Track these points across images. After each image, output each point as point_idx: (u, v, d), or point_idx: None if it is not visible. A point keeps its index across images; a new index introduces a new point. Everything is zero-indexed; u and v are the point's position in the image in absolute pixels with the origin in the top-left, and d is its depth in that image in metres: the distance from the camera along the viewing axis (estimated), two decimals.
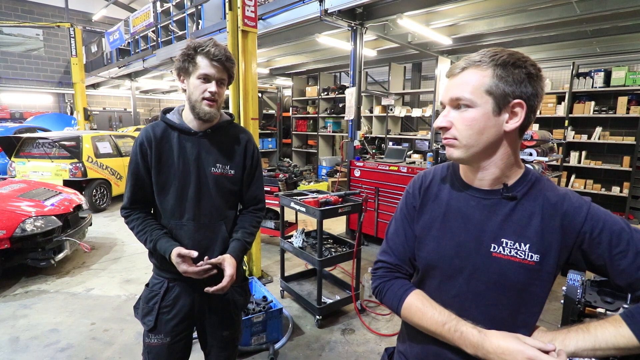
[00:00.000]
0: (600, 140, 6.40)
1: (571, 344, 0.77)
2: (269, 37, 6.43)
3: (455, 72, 0.85)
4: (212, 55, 1.29)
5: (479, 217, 0.88)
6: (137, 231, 1.40)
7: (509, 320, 0.87)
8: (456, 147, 0.86)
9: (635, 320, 0.76)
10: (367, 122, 8.97)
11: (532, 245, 0.83)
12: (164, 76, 11.88)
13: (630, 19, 4.83)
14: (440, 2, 4.48)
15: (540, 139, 3.34)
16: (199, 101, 1.32)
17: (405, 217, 1.00)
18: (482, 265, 0.86)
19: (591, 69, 6.59)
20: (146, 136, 1.38)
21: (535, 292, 0.85)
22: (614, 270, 0.80)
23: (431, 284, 0.95)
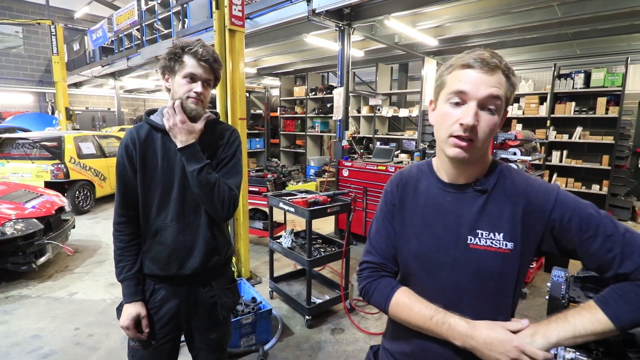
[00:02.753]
0: (580, 140, 6.59)
1: (553, 335, 0.79)
2: (256, 37, 6.40)
3: (491, 65, 0.81)
4: (199, 55, 1.28)
5: (455, 211, 0.91)
6: (116, 256, 1.40)
7: (491, 307, 0.89)
8: (469, 149, 0.83)
9: (609, 306, 0.78)
10: (355, 122, 9.01)
11: (505, 233, 0.85)
12: (149, 75, 11.69)
13: (609, 22, 4.99)
14: (427, 4, 4.53)
15: (524, 139, 3.41)
16: (184, 100, 1.31)
17: (386, 215, 1.01)
18: (462, 257, 0.88)
19: (572, 70, 6.78)
20: (130, 138, 1.36)
21: (512, 278, 0.88)
22: (584, 254, 0.82)
23: (415, 279, 0.96)
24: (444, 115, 0.86)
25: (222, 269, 1.52)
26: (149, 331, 1.37)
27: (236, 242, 3.62)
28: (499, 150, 3.47)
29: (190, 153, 1.31)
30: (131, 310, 1.34)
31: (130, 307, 1.34)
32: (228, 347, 1.66)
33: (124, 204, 1.39)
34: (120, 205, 1.39)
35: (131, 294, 1.36)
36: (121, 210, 1.39)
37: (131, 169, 1.36)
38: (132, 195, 1.38)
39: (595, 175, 6.61)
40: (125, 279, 1.36)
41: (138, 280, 1.38)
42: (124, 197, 1.38)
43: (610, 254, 0.79)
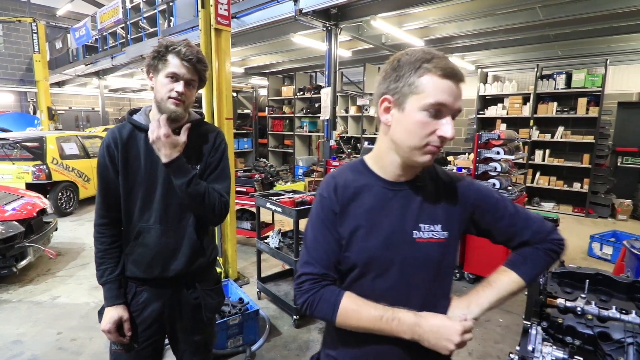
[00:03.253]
0: (562, 139, 6.75)
1: (485, 302, 0.92)
2: (243, 36, 6.37)
3: (463, 78, 0.84)
4: (182, 54, 1.25)
5: (399, 208, 0.93)
6: (97, 258, 1.37)
7: (435, 293, 0.95)
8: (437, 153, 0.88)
9: (517, 267, 0.95)
10: (343, 122, 9.05)
11: (442, 224, 0.93)
12: (134, 74, 11.51)
13: (589, 24, 5.12)
14: (412, 5, 4.59)
15: (507, 138, 3.48)
16: (165, 100, 1.27)
17: (324, 222, 0.94)
18: (410, 252, 0.92)
19: (554, 71, 6.95)
20: (112, 138, 1.33)
21: (449, 264, 0.97)
22: (496, 230, 0.98)
23: (364, 281, 0.94)
24: (421, 124, 0.84)
25: (207, 270, 1.49)
26: (131, 334, 1.35)
27: (223, 243, 3.59)
28: (483, 149, 3.53)
29: (176, 167, 1.28)
30: (113, 314, 1.31)
31: (111, 310, 1.32)
32: (215, 348, 1.64)
33: (105, 205, 1.36)
34: (102, 207, 1.36)
35: (113, 297, 1.33)
36: (102, 211, 1.36)
37: (113, 169, 1.33)
38: (114, 196, 1.35)
39: (577, 174, 6.78)
40: (107, 281, 1.34)
41: (120, 283, 1.36)
42: (105, 198, 1.35)
43: (514, 228, 0.96)
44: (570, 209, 6.81)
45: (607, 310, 1.14)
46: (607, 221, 6.34)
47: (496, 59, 7.75)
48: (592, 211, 6.58)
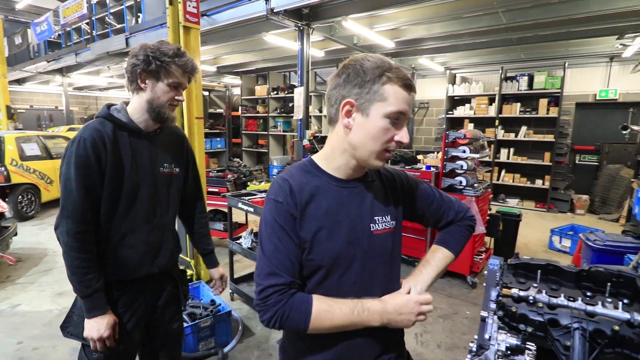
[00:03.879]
0: (525, 138, 7.09)
1: (427, 279, 1.03)
2: (214, 34, 6.27)
3: (415, 91, 0.91)
4: (187, 68, 1.35)
5: (354, 204, 0.97)
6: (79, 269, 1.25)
7: (390, 279, 1.04)
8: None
9: (448, 244, 1.11)
10: (317, 121, 9.09)
11: (391, 215, 1.03)
12: (101, 72, 11.06)
13: (548, 28, 5.40)
14: (382, 7, 4.67)
15: (472, 137, 3.62)
16: (165, 106, 1.35)
17: (283, 228, 0.90)
18: (369, 244, 0.97)
19: (517, 73, 7.28)
20: (98, 136, 1.27)
21: (398, 250, 1.08)
22: (428, 214, 1.13)
23: (330, 281, 0.94)
24: (384, 130, 0.87)
25: (176, 260, 1.61)
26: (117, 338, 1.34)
27: None
28: (450, 148, 3.65)
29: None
30: (109, 320, 1.29)
31: (107, 317, 1.28)
32: (186, 351, 1.68)
33: (88, 210, 1.26)
34: (84, 212, 1.25)
35: (104, 304, 1.29)
36: (85, 216, 1.25)
37: (98, 169, 1.26)
38: (95, 198, 1.28)
39: (539, 171, 7.13)
40: (95, 290, 1.27)
41: (104, 290, 1.31)
42: (87, 203, 1.25)
43: (440, 210, 1.13)
44: (533, 205, 7.16)
45: (556, 298, 1.22)
46: (566, 215, 6.71)
47: (464, 61, 8.03)
48: (553, 206, 6.95)
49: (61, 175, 1.27)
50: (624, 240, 3.50)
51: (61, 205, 1.26)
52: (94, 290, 1.27)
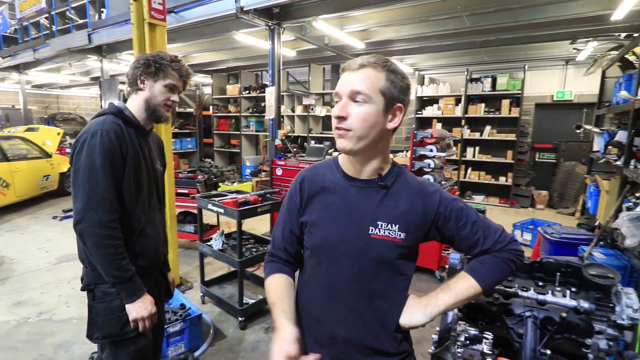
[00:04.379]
0: (489, 137, 7.41)
1: (442, 305, 0.98)
2: (183, 32, 6.12)
3: (354, 67, 0.93)
4: (182, 72, 1.48)
5: (358, 204, 1.00)
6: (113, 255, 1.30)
7: (383, 292, 1.00)
8: (349, 138, 0.93)
9: (476, 273, 1.00)
10: (290, 121, 9.07)
11: (400, 225, 0.97)
12: (62, 69, 10.50)
13: (509, 32, 5.66)
14: (352, 8, 4.73)
15: (439, 137, 3.75)
16: (161, 106, 1.46)
17: (287, 211, 1.10)
18: (364, 246, 0.98)
19: (481, 75, 7.58)
20: (119, 129, 1.37)
21: (403, 266, 1.01)
22: (459, 238, 1.01)
23: (320, 267, 1.04)
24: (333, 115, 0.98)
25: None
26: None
27: None
28: (418, 147, 3.76)
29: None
30: (150, 297, 1.39)
31: (147, 295, 1.39)
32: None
33: (115, 199, 1.33)
34: (113, 201, 1.32)
35: (141, 285, 1.38)
36: (113, 205, 1.32)
37: (122, 160, 1.36)
38: (118, 189, 1.36)
39: (502, 169, 7.47)
40: (133, 274, 1.35)
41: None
42: (114, 192, 1.33)
43: (476, 236, 1.00)
44: (497, 201, 7.50)
45: (510, 289, 1.30)
46: (527, 210, 7.07)
47: (431, 63, 8.27)
48: (515, 202, 7.31)
49: (79, 168, 1.29)
50: (578, 233, 3.75)
51: (84, 197, 1.28)
52: (132, 274, 1.34)
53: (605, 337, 1.20)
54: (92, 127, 1.33)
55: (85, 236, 1.28)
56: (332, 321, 1.02)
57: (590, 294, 1.25)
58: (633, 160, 2.82)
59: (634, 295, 1.25)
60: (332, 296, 1.03)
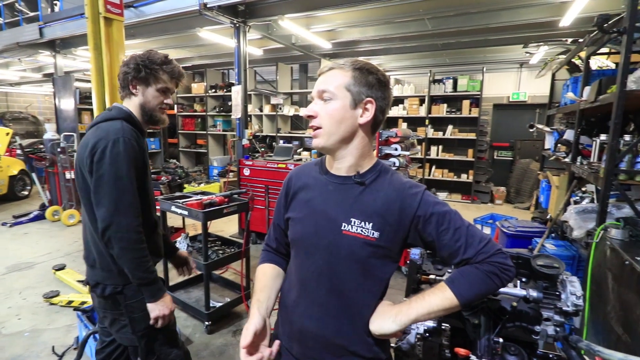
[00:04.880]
0: (452, 136, 7.71)
1: (413, 314, 0.93)
2: (143, 28, 5.89)
3: (324, 70, 1.00)
4: (174, 74, 1.49)
5: (335, 199, 1.02)
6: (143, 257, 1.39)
7: (353, 293, 1.00)
8: (320, 135, 0.98)
9: (455, 284, 0.94)
10: (258, 120, 8.97)
11: (374, 224, 0.96)
12: (10, 65, 9.77)
13: (469, 36, 5.91)
14: (317, 8, 4.75)
15: (403, 136, 3.86)
16: (157, 110, 1.49)
17: (276, 207, 1.19)
18: (335, 242, 0.99)
19: (443, 76, 7.87)
20: (134, 137, 1.40)
21: (377, 267, 0.99)
22: (440, 244, 0.96)
23: (297, 260, 1.09)
24: None
25: None
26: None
27: None
28: (384, 146, 3.85)
29: None
30: (170, 297, 1.51)
31: (168, 295, 1.49)
32: None
33: (139, 204, 1.40)
34: (137, 206, 1.39)
35: (163, 286, 1.48)
36: (138, 210, 1.39)
37: (142, 165, 1.44)
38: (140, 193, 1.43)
39: (464, 166, 7.80)
40: (157, 274, 1.45)
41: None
42: (137, 198, 1.39)
43: (458, 243, 0.94)
44: (460, 197, 7.82)
45: None
46: (487, 206, 7.43)
47: (396, 64, 8.48)
48: (476, 198, 7.66)
49: (102, 175, 1.32)
50: (532, 226, 3.98)
51: (111, 204, 1.32)
52: (156, 275, 1.45)
53: (552, 323, 1.29)
54: (110, 134, 1.33)
55: (114, 241, 1.32)
56: (303, 314, 1.04)
57: (538, 284, 1.33)
58: (579, 157, 3.04)
59: (577, 284, 1.34)
60: (304, 289, 1.04)
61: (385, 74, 1.01)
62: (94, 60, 3.07)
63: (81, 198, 1.43)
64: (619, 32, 2.10)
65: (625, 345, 1.65)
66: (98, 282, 1.45)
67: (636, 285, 1.60)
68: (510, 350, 1.18)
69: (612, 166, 2.13)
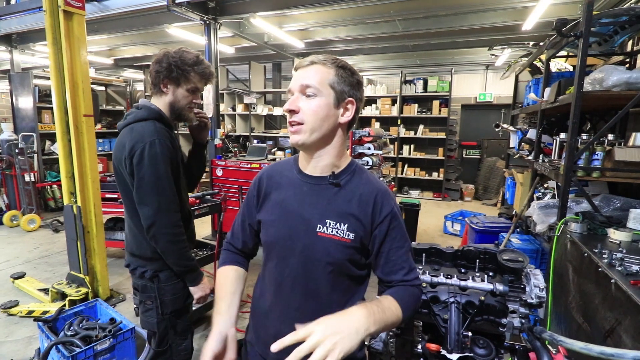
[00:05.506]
0: (423, 136, 7.90)
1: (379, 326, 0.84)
2: (107, 23, 5.64)
3: (304, 64, 0.96)
4: (205, 75, 1.54)
5: (310, 201, 0.99)
6: (184, 246, 1.51)
7: (330, 295, 0.99)
8: (301, 132, 0.94)
9: (404, 302, 0.94)
10: (231, 120, 8.81)
11: (349, 225, 0.95)
12: None
13: (438, 37, 6.07)
14: (289, 6, 4.72)
15: (376, 135, 3.91)
16: (186, 109, 1.54)
17: (246, 205, 1.14)
18: (310, 244, 0.97)
19: (414, 77, 8.05)
20: (166, 137, 1.47)
21: (352, 269, 0.98)
22: (387, 257, 0.98)
23: (271, 264, 1.04)
24: None
25: None
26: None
27: (89, 258, 3.16)
28: (357, 145, 3.88)
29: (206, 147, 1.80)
30: (207, 278, 1.64)
31: (205, 277, 1.63)
32: None
33: (177, 200, 1.50)
34: (177, 202, 1.49)
35: (201, 271, 1.62)
36: (178, 206, 1.50)
37: (177, 163, 1.52)
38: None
39: (435, 165, 8.02)
40: (196, 262, 1.59)
41: None
42: (175, 195, 1.49)
43: (405, 263, 0.99)
44: (431, 195, 8.03)
45: (437, 277, 1.39)
46: (457, 203, 7.67)
47: (369, 64, 8.59)
48: (447, 195, 7.89)
49: (143, 177, 1.40)
50: (499, 221, 4.14)
51: (154, 203, 1.42)
52: (196, 262, 1.59)
53: (518, 315, 1.34)
54: (145, 137, 1.41)
55: (159, 237, 1.45)
56: (279, 319, 1.01)
57: (504, 277, 1.38)
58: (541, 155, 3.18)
59: (540, 276, 1.41)
60: (280, 294, 1.02)
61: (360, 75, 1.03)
62: (53, 56, 2.91)
63: (121, 194, 1.56)
64: (575, 36, 2.21)
65: (585, 333, 1.74)
66: (136, 267, 1.60)
67: (594, 277, 1.70)
68: (479, 343, 1.21)
69: (571, 163, 2.24)
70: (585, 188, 2.43)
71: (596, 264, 1.67)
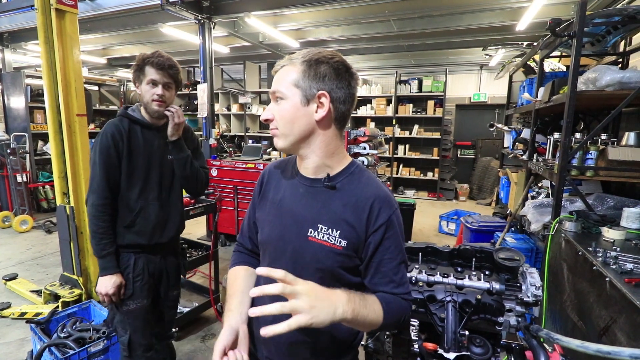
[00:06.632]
0: (417, 136, 7.92)
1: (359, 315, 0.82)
2: (101, 22, 5.59)
3: (277, 69, 0.93)
4: (156, 64, 1.58)
5: (304, 203, 0.95)
6: (97, 234, 1.60)
7: None
8: (278, 136, 0.93)
9: (389, 308, 0.90)
10: (226, 120, 8.78)
11: (342, 231, 0.90)
12: None
13: (432, 38, 6.10)
14: (284, 6, 4.72)
15: (371, 135, 3.91)
16: (150, 102, 1.62)
17: (251, 203, 1.14)
18: (300, 248, 0.93)
19: (409, 77, 8.07)
20: (117, 130, 1.62)
21: (344, 275, 0.94)
22: (376, 269, 0.92)
23: (265, 264, 1.03)
24: None
25: (179, 238, 1.97)
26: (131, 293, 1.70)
27: (83, 259, 3.11)
28: (353, 145, 3.88)
29: (180, 144, 1.74)
30: (116, 280, 1.63)
31: (114, 277, 1.62)
32: None
33: (108, 187, 1.61)
34: (105, 188, 1.60)
35: (114, 266, 1.63)
36: (105, 192, 1.61)
37: (116, 155, 1.61)
38: (114, 179, 1.63)
39: (430, 165, 8.05)
40: (108, 253, 1.62)
41: (116, 255, 1.66)
42: (107, 181, 1.61)
43: (396, 276, 0.93)
44: (426, 194, 8.06)
45: (433, 276, 1.39)
46: (452, 202, 7.70)
47: (364, 64, 8.60)
48: (442, 195, 7.92)
49: (90, 160, 1.66)
50: (493, 221, 4.16)
51: (89, 183, 1.62)
52: (107, 253, 1.62)
53: (514, 314, 1.35)
54: (103, 129, 1.62)
55: (87, 212, 1.62)
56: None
57: (500, 276, 1.38)
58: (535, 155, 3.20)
59: (536, 275, 1.41)
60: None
61: (343, 61, 0.91)
62: (45, 55, 2.87)
63: None
64: (569, 36, 2.23)
65: (581, 331, 1.75)
66: None
67: (589, 275, 1.71)
68: (475, 342, 1.21)
69: (565, 163, 2.26)
70: (579, 187, 2.45)
71: (591, 262, 1.68)
